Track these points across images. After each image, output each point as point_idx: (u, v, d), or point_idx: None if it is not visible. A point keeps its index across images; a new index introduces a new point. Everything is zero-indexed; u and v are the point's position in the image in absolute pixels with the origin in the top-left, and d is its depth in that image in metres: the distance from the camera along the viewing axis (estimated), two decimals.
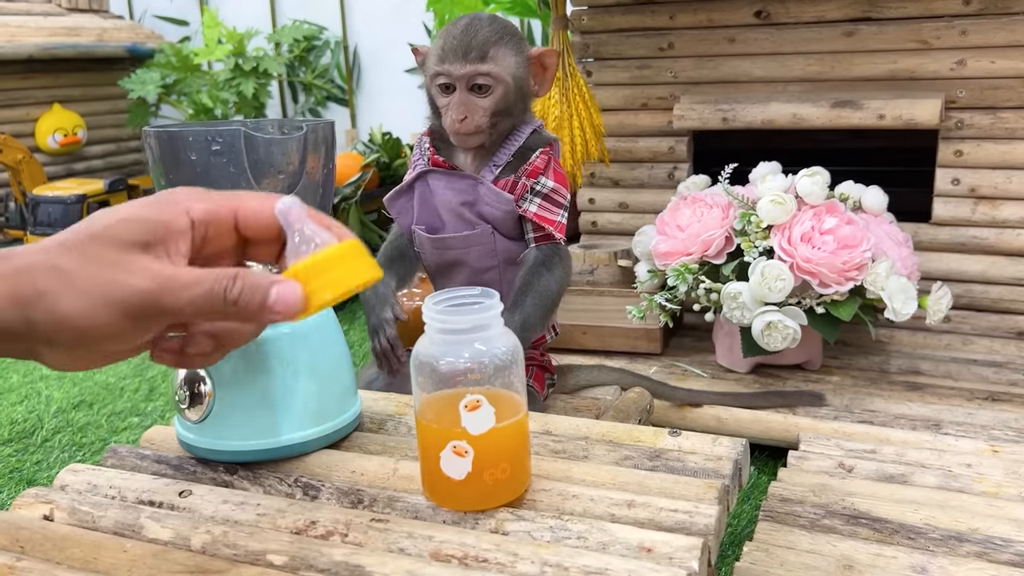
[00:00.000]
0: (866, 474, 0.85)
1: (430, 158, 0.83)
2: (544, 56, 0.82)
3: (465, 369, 0.54)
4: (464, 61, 0.77)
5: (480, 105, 0.78)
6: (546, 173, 0.82)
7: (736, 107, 1.25)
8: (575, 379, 0.98)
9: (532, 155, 0.82)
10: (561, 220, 0.82)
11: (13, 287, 0.44)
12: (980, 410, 0.99)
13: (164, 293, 0.44)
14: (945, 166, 1.22)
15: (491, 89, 0.78)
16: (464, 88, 0.78)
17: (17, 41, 2.28)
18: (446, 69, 0.78)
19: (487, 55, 0.77)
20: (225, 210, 0.49)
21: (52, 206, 1.84)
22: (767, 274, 0.98)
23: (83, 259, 0.45)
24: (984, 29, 1.16)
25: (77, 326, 0.44)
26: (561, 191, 0.82)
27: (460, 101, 0.78)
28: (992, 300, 1.22)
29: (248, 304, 0.45)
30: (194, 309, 0.45)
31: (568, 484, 0.59)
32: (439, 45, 0.79)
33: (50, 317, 0.44)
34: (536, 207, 0.81)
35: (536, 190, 0.81)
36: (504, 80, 0.78)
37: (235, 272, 0.46)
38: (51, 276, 0.44)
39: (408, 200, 0.84)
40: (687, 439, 0.66)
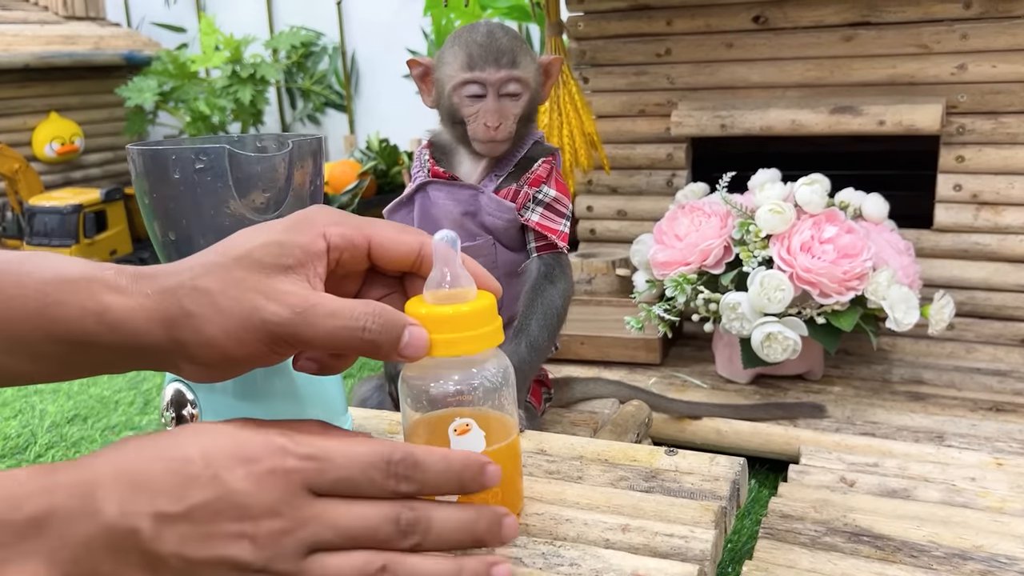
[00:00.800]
0: (868, 489, 0.83)
1: (430, 169, 0.82)
2: (551, 64, 0.82)
3: (455, 392, 0.53)
4: (497, 66, 0.77)
5: (511, 111, 0.78)
6: (548, 182, 0.81)
7: (734, 113, 1.24)
8: (571, 392, 0.97)
9: (534, 165, 0.81)
10: (563, 229, 0.81)
11: (160, 306, 0.45)
12: (984, 421, 0.97)
13: (301, 322, 0.44)
14: (947, 172, 1.21)
15: (520, 95, 0.78)
16: (496, 94, 0.77)
17: (13, 50, 2.27)
18: (478, 76, 0.77)
19: (517, 60, 0.77)
20: (360, 237, 0.48)
21: (48, 216, 1.83)
22: (766, 284, 0.96)
23: (226, 282, 0.45)
24: (985, 33, 1.15)
25: (222, 347, 0.45)
26: (563, 200, 0.81)
27: (494, 108, 0.77)
28: (995, 307, 1.21)
29: (382, 343, 0.45)
30: (329, 340, 0.45)
31: (561, 507, 0.58)
32: (463, 52, 0.78)
33: (197, 337, 0.45)
34: (538, 216, 0.80)
35: (538, 199, 0.80)
36: (531, 85, 0.79)
37: (373, 308, 0.45)
38: (197, 297, 0.45)
39: (408, 212, 0.83)
40: (684, 458, 0.65)
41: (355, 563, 0.40)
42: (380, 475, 0.41)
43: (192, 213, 0.61)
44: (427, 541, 0.42)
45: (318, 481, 0.40)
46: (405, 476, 0.42)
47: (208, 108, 2.37)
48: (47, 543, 0.38)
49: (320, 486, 0.40)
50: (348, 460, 0.41)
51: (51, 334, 0.46)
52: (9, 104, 2.32)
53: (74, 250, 1.80)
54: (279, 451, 0.40)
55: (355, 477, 0.41)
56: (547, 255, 0.80)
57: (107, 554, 0.38)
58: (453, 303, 0.51)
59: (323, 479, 0.40)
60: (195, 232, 0.62)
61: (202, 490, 0.39)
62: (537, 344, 0.77)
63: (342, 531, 0.40)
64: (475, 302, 0.51)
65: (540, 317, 0.77)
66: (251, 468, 0.39)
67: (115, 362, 0.48)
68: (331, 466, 0.40)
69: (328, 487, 0.41)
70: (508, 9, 1.96)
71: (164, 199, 0.62)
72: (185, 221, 0.62)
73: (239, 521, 0.39)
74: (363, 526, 0.41)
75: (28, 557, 0.37)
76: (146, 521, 0.38)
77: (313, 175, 0.66)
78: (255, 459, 0.40)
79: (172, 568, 0.39)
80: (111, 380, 1.37)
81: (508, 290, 0.81)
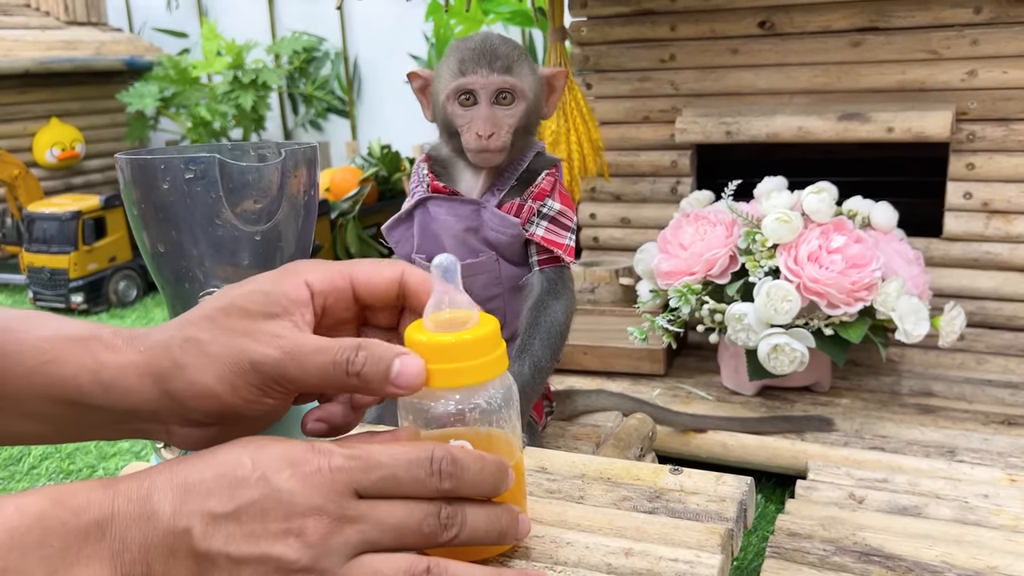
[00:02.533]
0: (878, 506, 0.81)
1: (429, 184, 0.79)
2: (554, 78, 0.80)
3: (456, 412, 0.51)
4: (490, 70, 0.74)
5: (505, 120, 0.75)
6: (552, 195, 0.79)
7: (740, 120, 1.22)
8: (574, 405, 0.95)
9: (536, 178, 0.79)
10: (569, 243, 0.79)
11: (151, 362, 0.46)
12: (996, 435, 0.95)
13: (289, 361, 0.45)
14: (957, 179, 1.19)
15: (515, 102, 0.75)
16: (488, 101, 0.75)
17: (14, 55, 2.26)
18: (470, 80, 0.74)
19: (511, 66, 0.75)
20: (340, 278, 0.49)
21: (47, 223, 1.82)
22: (773, 295, 0.94)
23: (214, 329, 0.46)
24: (995, 39, 1.13)
25: (214, 394, 0.45)
26: (568, 213, 0.79)
27: (486, 116, 0.74)
28: (1007, 317, 1.18)
29: (371, 376, 0.45)
30: (318, 378, 0.45)
31: (562, 529, 0.56)
32: (456, 59, 0.75)
33: (189, 388, 0.45)
34: (543, 230, 0.78)
35: (543, 213, 0.78)
36: (527, 94, 0.76)
37: (358, 342, 0.45)
38: (187, 347, 0.46)
39: (407, 228, 0.80)
40: (689, 477, 0.63)
41: (400, 564, 0.41)
42: (424, 473, 0.42)
43: (183, 224, 0.60)
44: (463, 534, 0.44)
45: (364, 479, 0.41)
46: (448, 474, 0.43)
47: (209, 114, 2.36)
48: (109, 546, 0.39)
49: (365, 484, 0.41)
50: (393, 459, 0.42)
51: (47, 393, 0.46)
52: (10, 110, 2.31)
53: (73, 256, 1.79)
54: (325, 452, 0.41)
55: (400, 475, 0.42)
56: (550, 269, 0.78)
57: (161, 555, 0.40)
58: (454, 329, 0.49)
59: (369, 477, 0.41)
60: (186, 243, 0.60)
61: (250, 490, 0.40)
62: (541, 365, 0.75)
63: (388, 528, 0.41)
64: (477, 328, 0.49)
65: (544, 336, 0.75)
66: (298, 468, 0.40)
67: (108, 424, 0.48)
68: (376, 464, 0.41)
69: (373, 485, 0.41)
70: (511, 14, 1.94)
71: (154, 209, 0.60)
72: (175, 232, 0.60)
73: (286, 519, 0.40)
74: (409, 523, 0.42)
75: (92, 559, 0.39)
76: (197, 520, 0.39)
77: (307, 184, 0.64)
78: (302, 460, 0.41)
79: (220, 568, 0.40)
80: None
81: (512, 305, 0.79)
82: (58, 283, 1.80)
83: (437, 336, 0.49)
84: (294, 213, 0.63)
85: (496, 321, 0.51)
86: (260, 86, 2.39)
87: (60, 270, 1.79)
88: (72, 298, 1.79)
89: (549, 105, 0.81)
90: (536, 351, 0.74)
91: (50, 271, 1.80)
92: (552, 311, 0.76)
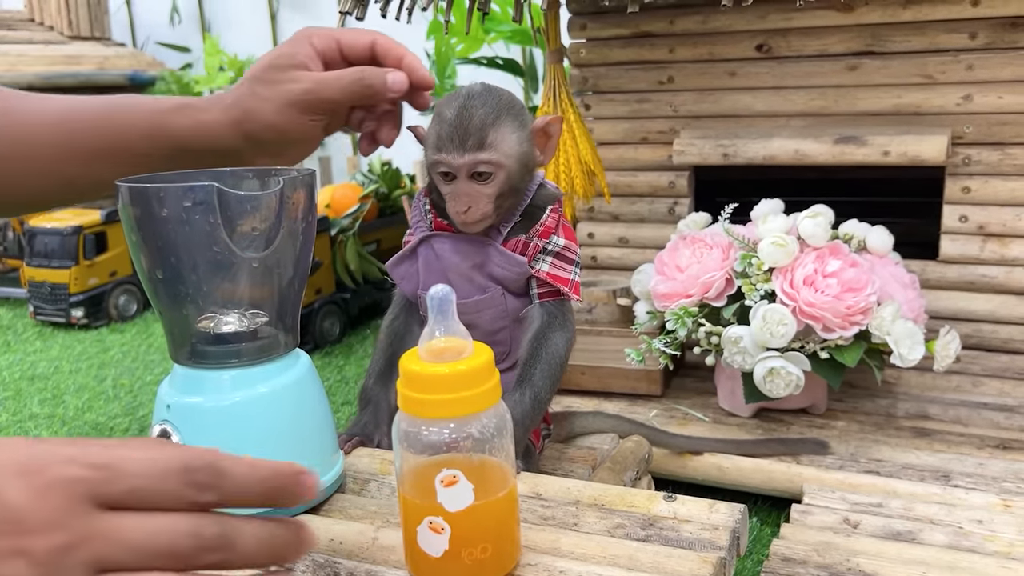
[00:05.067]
0: (872, 531, 0.82)
1: (432, 221, 0.79)
2: (549, 125, 0.77)
3: (451, 440, 0.51)
4: (462, 151, 0.72)
5: (484, 193, 0.74)
6: (557, 231, 0.78)
7: (737, 143, 1.23)
8: (570, 427, 0.95)
9: (540, 213, 0.78)
10: (575, 278, 0.78)
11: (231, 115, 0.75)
12: (991, 460, 0.95)
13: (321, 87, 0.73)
14: (952, 203, 1.19)
15: (493, 176, 0.73)
16: (465, 177, 0.74)
17: (17, 70, 2.27)
18: (444, 159, 0.73)
19: (485, 142, 0.72)
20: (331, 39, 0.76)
21: (48, 237, 1.82)
22: (769, 319, 0.95)
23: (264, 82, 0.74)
24: (991, 64, 1.14)
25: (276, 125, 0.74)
26: (572, 247, 0.79)
27: (463, 192, 0.73)
28: (1002, 340, 1.19)
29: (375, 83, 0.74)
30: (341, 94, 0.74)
31: (556, 557, 0.56)
32: (435, 131, 0.74)
33: (258, 125, 0.74)
34: (548, 266, 0.77)
35: (548, 249, 0.77)
36: (505, 165, 0.74)
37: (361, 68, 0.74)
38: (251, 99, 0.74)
39: (412, 265, 0.79)
40: (683, 504, 0.63)
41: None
42: (178, 483, 0.38)
43: (181, 250, 0.60)
44: (232, 555, 0.39)
45: (107, 491, 0.37)
46: (207, 485, 0.38)
47: None
48: None
49: (110, 497, 0.37)
50: (141, 467, 0.37)
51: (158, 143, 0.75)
52: None
53: (73, 271, 1.79)
54: (65, 460, 0.37)
55: (150, 486, 0.37)
56: (550, 302, 0.77)
57: None
58: (448, 359, 0.50)
59: (113, 488, 0.37)
60: (184, 269, 0.61)
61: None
62: (540, 396, 0.74)
63: (134, 547, 0.36)
64: (472, 359, 0.50)
65: (544, 367, 0.75)
66: (32, 480, 0.36)
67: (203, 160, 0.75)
68: (121, 474, 0.37)
69: (119, 498, 0.37)
70: (511, 33, 1.96)
71: (152, 235, 0.61)
72: (174, 258, 0.61)
73: (15, 536, 0.35)
74: (158, 542, 0.37)
75: None
76: None
77: (306, 210, 0.65)
78: (38, 470, 0.36)
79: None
80: (107, 405, 1.35)
81: (516, 335, 0.79)
82: (59, 297, 1.80)
83: (431, 367, 0.49)
84: (292, 238, 0.64)
85: (490, 351, 0.52)
86: None
87: (61, 284, 1.80)
88: (72, 312, 1.80)
89: (546, 153, 0.79)
90: (536, 382, 0.74)
91: (51, 285, 1.81)
92: (553, 343, 0.76)
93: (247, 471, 0.40)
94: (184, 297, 0.62)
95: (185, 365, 0.63)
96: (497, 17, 1.95)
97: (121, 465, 0.37)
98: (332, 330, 1.65)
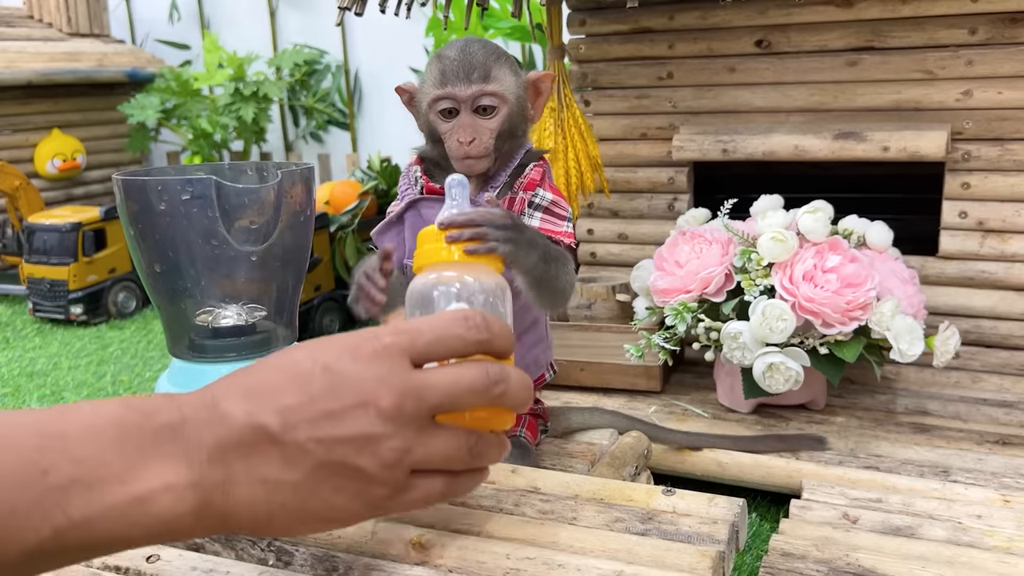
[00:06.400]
0: (871, 526, 0.81)
1: (424, 186, 0.79)
2: (540, 80, 0.79)
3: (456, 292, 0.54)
4: (468, 82, 0.74)
5: (487, 126, 0.75)
6: (542, 185, 0.78)
7: (736, 138, 1.23)
8: (568, 422, 0.95)
9: (525, 170, 0.79)
10: (568, 229, 0.78)
11: None
12: (990, 455, 0.95)
13: None
14: (952, 199, 1.19)
15: (496, 110, 0.75)
16: (469, 110, 0.75)
17: (16, 67, 2.27)
18: (448, 92, 0.74)
19: (490, 74, 0.75)
20: None
21: (47, 234, 1.82)
22: (768, 314, 0.95)
23: None
24: (991, 59, 1.14)
25: None
26: (561, 203, 0.79)
27: (467, 123, 0.74)
28: (1002, 336, 1.19)
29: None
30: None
31: (554, 551, 0.56)
32: (436, 69, 0.76)
33: None
34: (539, 221, 0.77)
35: (536, 203, 0.77)
36: (508, 100, 0.75)
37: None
38: None
39: (398, 232, 0.79)
40: (682, 499, 0.63)
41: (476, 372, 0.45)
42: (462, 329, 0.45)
43: (179, 244, 0.60)
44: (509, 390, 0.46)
45: (414, 348, 0.44)
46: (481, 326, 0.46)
47: (210, 126, 2.37)
48: (183, 446, 0.41)
49: (416, 351, 0.44)
50: (432, 325, 0.45)
51: None
52: (11, 120, 2.32)
53: (73, 268, 1.79)
54: (372, 335, 0.44)
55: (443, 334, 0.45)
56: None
57: (239, 454, 0.41)
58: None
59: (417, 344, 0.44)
60: (183, 263, 0.61)
61: (317, 380, 0.42)
62: (550, 255, 0.72)
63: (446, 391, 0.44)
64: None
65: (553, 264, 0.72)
66: (356, 353, 0.43)
67: None
68: (420, 332, 0.44)
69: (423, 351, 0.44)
70: (511, 30, 1.95)
71: (150, 229, 0.61)
72: (172, 252, 0.60)
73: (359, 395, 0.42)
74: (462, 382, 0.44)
75: (168, 458, 0.40)
76: (272, 416, 0.41)
77: (304, 204, 0.65)
78: (356, 346, 0.43)
79: (312, 455, 0.41)
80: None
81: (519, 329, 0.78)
82: (58, 294, 1.80)
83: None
84: (290, 233, 0.64)
85: None
86: (261, 98, 2.40)
87: (60, 281, 1.80)
88: (71, 309, 1.80)
89: (536, 108, 0.80)
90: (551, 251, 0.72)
91: (50, 282, 1.80)
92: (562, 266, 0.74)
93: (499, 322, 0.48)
94: (182, 291, 0.62)
95: (184, 359, 0.63)
96: (496, 13, 1.95)
97: (417, 326, 0.44)
98: (332, 326, 1.65)
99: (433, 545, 0.57)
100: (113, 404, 0.41)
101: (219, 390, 0.42)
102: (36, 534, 0.36)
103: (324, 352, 0.43)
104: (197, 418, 0.41)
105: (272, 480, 0.41)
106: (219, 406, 0.41)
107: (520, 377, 0.47)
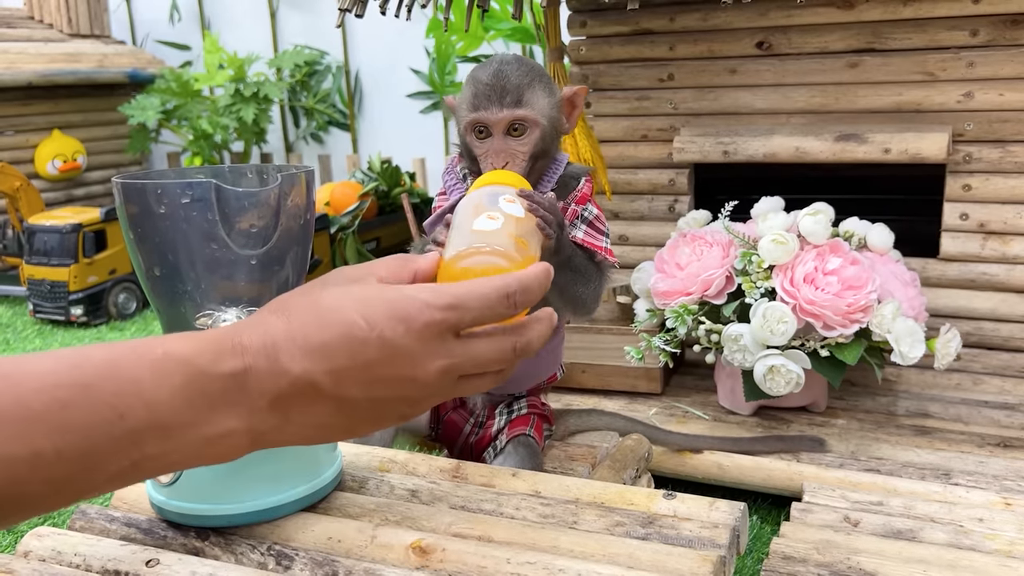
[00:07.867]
0: (872, 529, 0.81)
1: (472, 183, 0.80)
2: (576, 95, 0.82)
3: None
4: (500, 106, 0.76)
5: (520, 149, 0.77)
6: (592, 200, 0.83)
7: (737, 140, 1.23)
8: (566, 425, 0.95)
9: (575, 183, 0.82)
10: (607, 245, 0.82)
11: None
12: (991, 458, 0.95)
13: None
14: (953, 200, 1.19)
15: (528, 132, 0.77)
16: (501, 133, 0.77)
17: (16, 68, 2.27)
18: (481, 117, 0.77)
19: (522, 99, 0.76)
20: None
21: (48, 235, 1.82)
22: (769, 316, 0.95)
23: None
24: (992, 61, 1.14)
25: None
26: (603, 219, 0.83)
27: (499, 148, 0.77)
28: (1003, 338, 1.18)
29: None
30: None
31: (555, 556, 0.56)
32: (470, 92, 0.78)
33: None
34: (583, 233, 0.81)
35: (584, 216, 0.81)
36: (540, 123, 0.77)
37: None
38: None
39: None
40: (683, 503, 0.63)
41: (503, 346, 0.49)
42: (503, 307, 0.48)
43: (179, 247, 0.60)
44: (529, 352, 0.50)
45: (460, 323, 0.47)
46: (520, 302, 0.48)
47: (211, 127, 2.37)
48: (247, 397, 0.45)
49: (460, 326, 0.47)
50: (480, 302, 0.47)
51: None
52: (12, 121, 2.32)
53: (73, 269, 1.79)
54: (424, 307, 0.46)
55: (487, 315, 0.48)
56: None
57: (295, 404, 0.46)
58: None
59: (464, 320, 0.47)
60: (182, 266, 0.61)
61: (371, 349, 0.45)
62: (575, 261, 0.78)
63: (482, 360, 0.48)
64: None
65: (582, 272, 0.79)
66: (409, 325, 0.45)
67: None
68: (466, 311, 0.47)
69: (467, 326, 0.48)
70: (511, 31, 1.95)
71: (150, 232, 0.60)
72: (172, 256, 0.60)
73: (411, 369, 0.46)
74: (493, 353, 0.48)
75: (232, 406, 0.44)
76: (324, 377, 0.45)
77: (304, 207, 0.65)
78: (409, 317, 0.46)
79: (360, 405, 0.46)
80: None
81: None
82: (58, 295, 1.80)
83: None
84: (291, 236, 0.63)
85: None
86: (262, 99, 2.40)
87: (60, 282, 1.80)
88: (72, 310, 1.80)
89: (571, 121, 0.83)
90: (576, 261, 0.79)
91: (50, 283, 1.80)
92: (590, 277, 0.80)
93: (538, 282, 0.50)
94: (182, 294, 0.62)
95: None
96: (497, 15, 1.95)
97: (464, 303, 0.47)
98: None
99: (433, 549, 0.57)
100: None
101: (280, 338, 0.45)
102: (117, 465, 0.42)
103: (378, 317, 0.45)
104: (259, 368, 0.45)
105: (325, 423, 0.47)
106: (279, 360, 0.45)
107: (541, 328, 0.50)
